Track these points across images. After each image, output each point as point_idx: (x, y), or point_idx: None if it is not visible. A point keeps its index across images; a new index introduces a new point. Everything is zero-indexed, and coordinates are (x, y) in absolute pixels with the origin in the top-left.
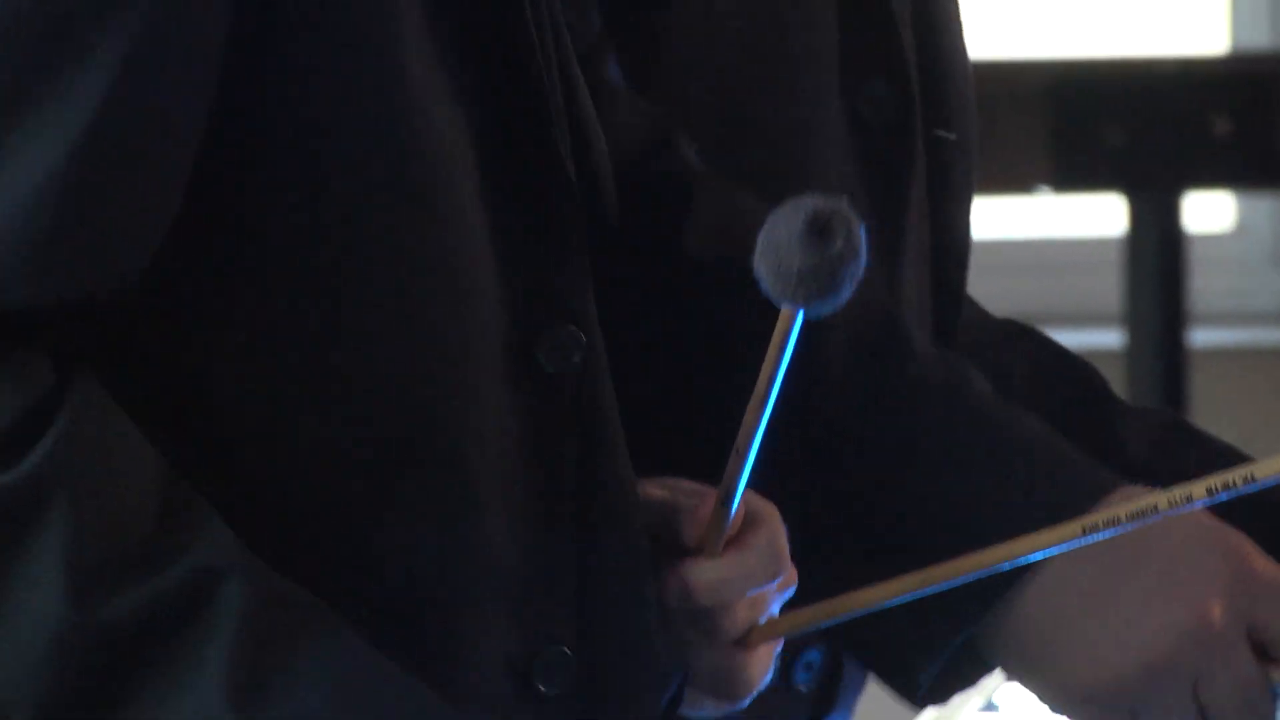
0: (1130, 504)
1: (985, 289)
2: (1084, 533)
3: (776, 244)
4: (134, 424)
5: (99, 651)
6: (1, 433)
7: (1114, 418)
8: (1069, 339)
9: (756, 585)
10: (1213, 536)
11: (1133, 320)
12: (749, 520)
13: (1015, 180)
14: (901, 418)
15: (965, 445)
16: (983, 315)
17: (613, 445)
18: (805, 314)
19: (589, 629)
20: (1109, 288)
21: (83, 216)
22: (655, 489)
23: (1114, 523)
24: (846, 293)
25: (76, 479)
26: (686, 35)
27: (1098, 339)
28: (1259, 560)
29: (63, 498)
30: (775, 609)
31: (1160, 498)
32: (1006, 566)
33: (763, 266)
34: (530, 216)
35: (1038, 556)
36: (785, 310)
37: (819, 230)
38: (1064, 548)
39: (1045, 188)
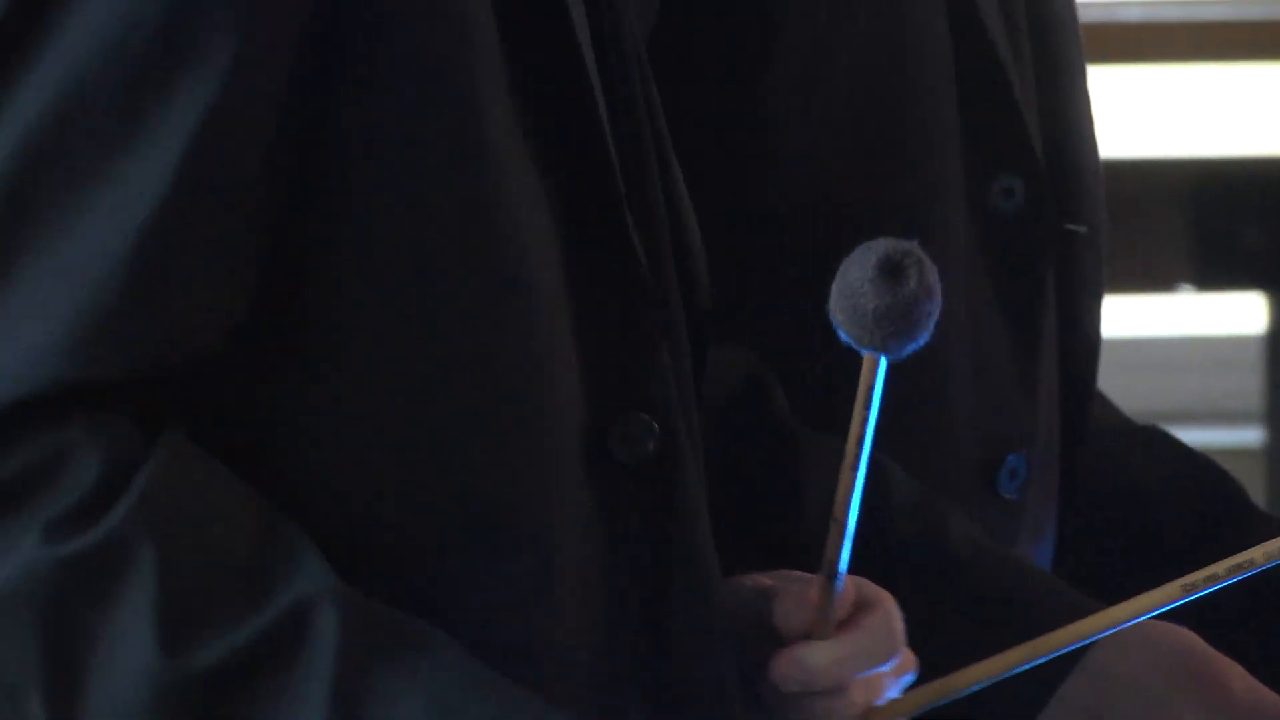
0: (1228, 560)
1: (1125, 386)
2: (1184, 592)
3: (850, 288)
4: (224, 467)
5: (199, 698)
6: (85, 493)
7: (1250, 526)
8: (1209, 437)
9: (871, 667)
10: (1189, 669)
11: (1273, 418)
12: (862, 603)
13: (1156, 278)
14: (876, 572)
15: (940, 599)
16: (1115, 417)
17: (690, 535)
18: (886, 358)
19: (663, 715)
20: (1249, 386)
21: (154, 292)
22: (765, 578)
23: (1213, 580)
24: (924, 334)
25: (163, 531)
26: (800, 123)
27: (1238, 437)
28: (1238, 682)
29: (149, 550)
30: (894, 692)
31: (1257, 551)
32: (1110, 631)
33: (839, 313)
34: (607, 305)
35: (1143, 618)
36: (867, 358)
37: (891, 271)
38: (1166, 608)
39: (1186, 285)
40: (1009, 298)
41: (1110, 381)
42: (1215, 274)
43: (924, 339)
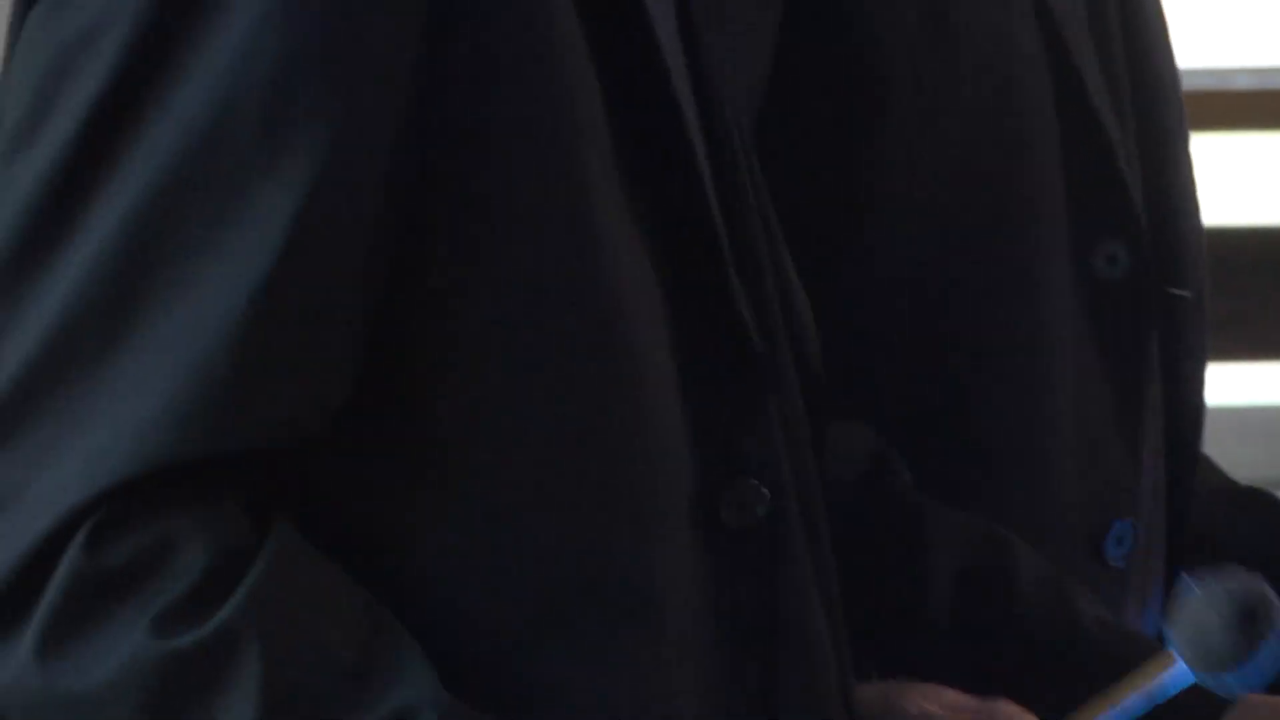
0: None
1: (1232, 453)
2: None
3: (1203, 626)
4: (333, 564)
5: None
6: (194, 584)
7: None
8: None
9: None
10: None
11: None
12: None
13: (1263, 344)
14: (1004, 650)
15: (1073, 679)
16: (1222, 481)
17: (798, 603)
18: (1203, 681)
19: None
20: None
21: (262, 365)
22: (916, 699)
23: None
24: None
25: (270, 629)
26: (906, 191)
27: None
28: None
29: (255, 649)
30: None
31: None
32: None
33: (1183, 643)
34: (716, 373)
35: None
36: (1168, 661)
37: (1249, 618)
38: None
39: None
40: (1113, 363)
41: (1217, 448)
42: None
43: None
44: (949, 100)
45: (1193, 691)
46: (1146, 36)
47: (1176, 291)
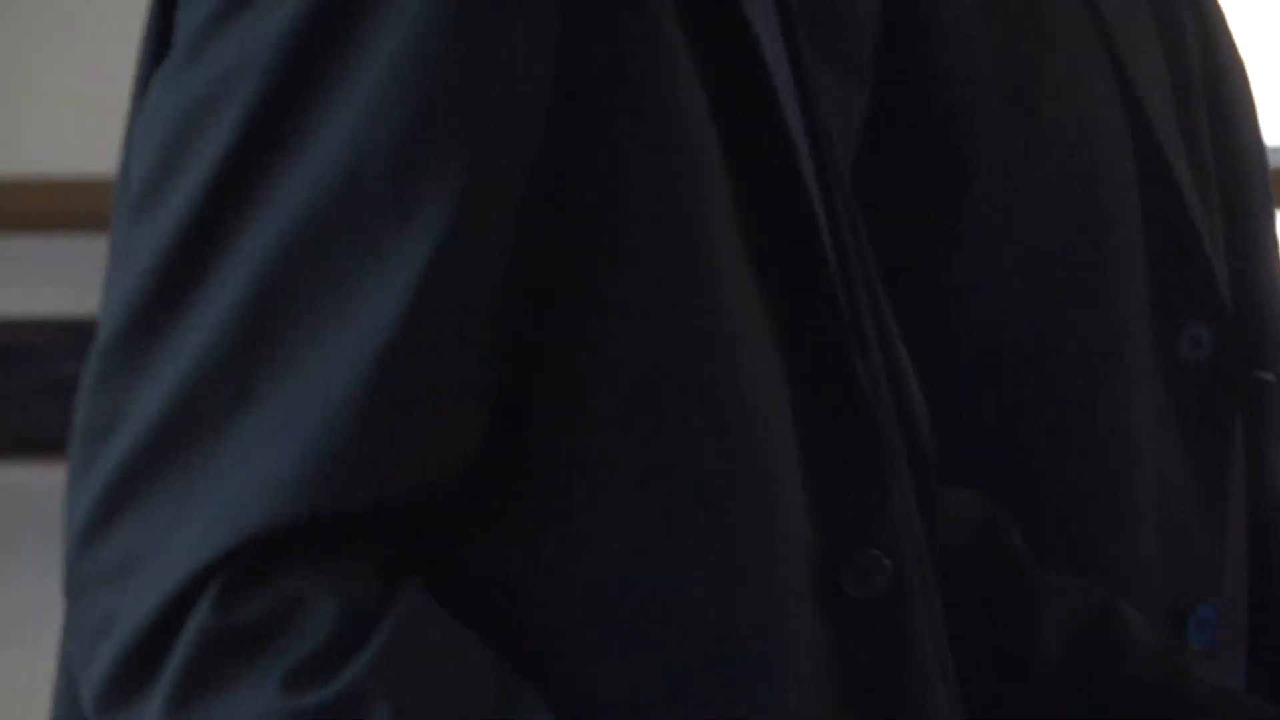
0: None
1: None
2: None
3: None
4: (461, 625)
5: None
6: (323, 643)
7: None
8: None
9: None
10: None
11: None
12: None
13: None
14: (1116, 718)
15: None
16: None
17: (918, 672)
18: None
19: None
20: None
21: (392, 419)
22: None
23: None
24: None
25: (399, 691)
26: (991, 264)
27: None
28: None
29: (385, 711)
30: None
31: None
32: None
33: None
34: (837, 442)
35: None
36: None
37: None
38: None
39: None
40: (1196, 445)
41: None
42: None
43: None
44: (1033, 185)
45: None
46: (1233, 114)
47: (1261, 374)
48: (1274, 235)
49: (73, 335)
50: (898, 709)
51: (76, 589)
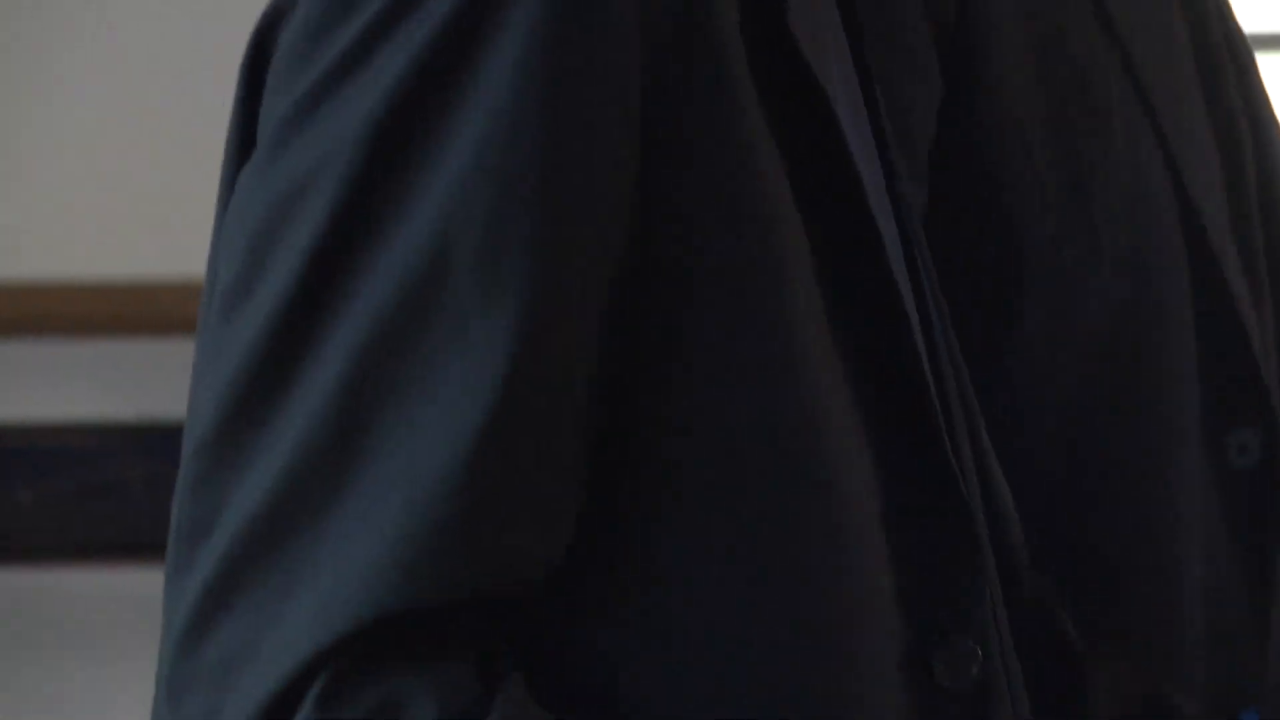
0: None
1: None
2: None
3: None
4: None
5: None
6: None
7: None
8: None
9: None
10: None
11: None
12: None
13: None
14: None
15: None
16: None
17: None
18: None
19: None
20: None
21: (488, 505)
22: None
23: None
24: None
25: None
26: (1043, 369)
27: None
28: None
29: None
30: None
31: None
32: None
33: None
34: (928, 527)
35: None
36: None
37: None
38: None
39: None
40: (1244, 549)
41: None
42: None
43: None
44: (1088, 277)
45: None
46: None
47: None
48: None
49: (120, 439)
50: None
51: (179, 687)
